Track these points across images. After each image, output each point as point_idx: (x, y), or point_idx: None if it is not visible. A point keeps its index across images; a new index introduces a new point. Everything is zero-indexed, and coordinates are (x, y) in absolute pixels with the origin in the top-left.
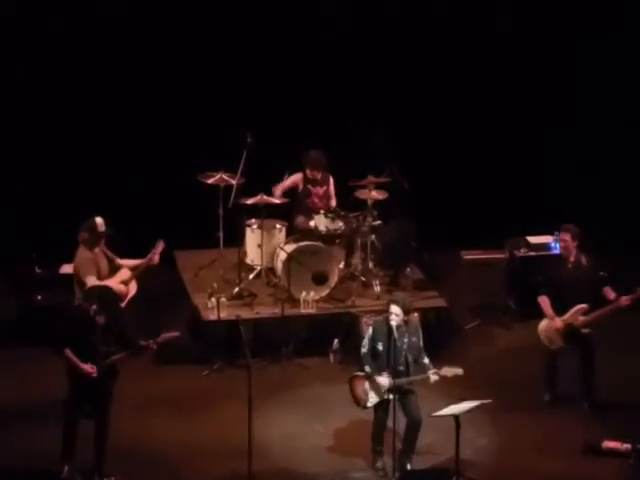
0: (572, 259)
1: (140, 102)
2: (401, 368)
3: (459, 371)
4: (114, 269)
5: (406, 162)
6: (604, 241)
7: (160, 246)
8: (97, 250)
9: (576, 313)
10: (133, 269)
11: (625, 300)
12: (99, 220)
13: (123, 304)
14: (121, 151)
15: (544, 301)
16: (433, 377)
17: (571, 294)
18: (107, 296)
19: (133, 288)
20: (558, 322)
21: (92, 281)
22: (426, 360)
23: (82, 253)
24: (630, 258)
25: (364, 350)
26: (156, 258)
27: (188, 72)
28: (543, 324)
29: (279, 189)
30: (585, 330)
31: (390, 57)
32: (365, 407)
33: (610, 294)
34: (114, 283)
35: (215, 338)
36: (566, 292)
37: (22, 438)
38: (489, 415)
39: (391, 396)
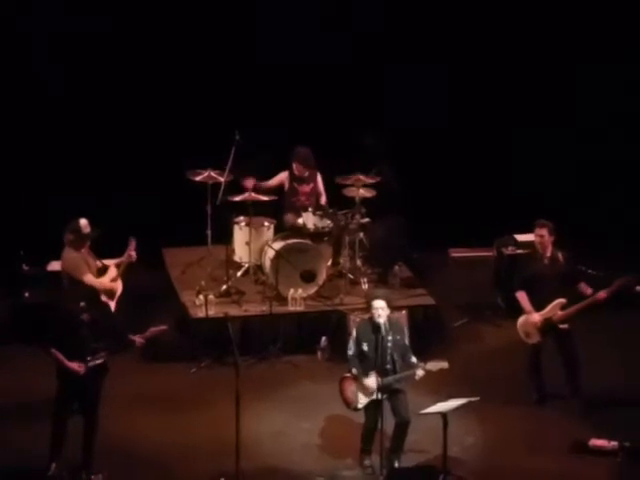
0: (548, 254)
1: (128, 100)
2: (388, 367)
3: (444, 365)
4: (100, 269)
5: (396, 161)
6: (591, 237)
7: (132, 243)
8: (83, 250)
9: (555, 307)
10: (118, 266)
11: (602, 294)
12: (83, 221)
13: (113, 302)
14: (109, 148)
15: (522, 296)
16: (419, 373)
17: (548, 289)
18: (94, 293)
19: (119, 286)
20: (536, 316)
21: (90, 279)
22: (413, 359)
23: (70, 254)
24: (615, 254)
25: (350, 352)
26: (133, 255)
27: (176, 70)
28: (522, 319)
29: (263, 184)
30: (563, 325)
31: (382, 55)
32: (356, 409)
33: (586, 289)
34: (107, 281)
35: (203, 336)
36: (543, 287)
37: (10, 435)
38: (477, 413)
39: (381, 396)
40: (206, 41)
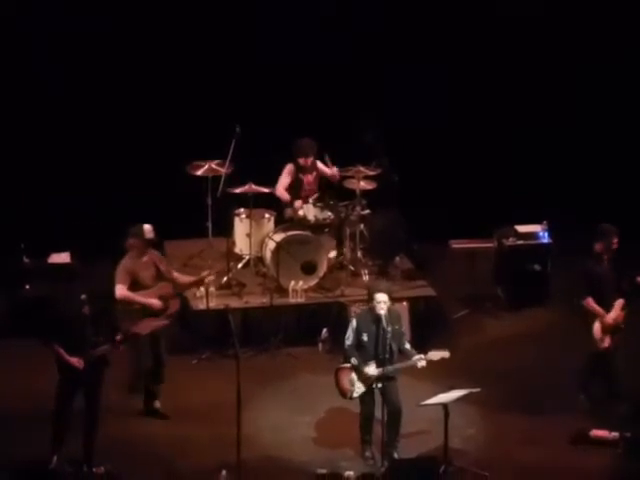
0: (607, 256)
1: (129, 93)
2: (386, 356)
3: (445, 354)
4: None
5: (396, 152)
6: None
7: (211, 272)
8: (146, 259)
9: (618, 308)
10: (183, 286)
11: None
12: (147, 227)
13: (161, 322)
14: (110, 140)
15: (591, 302)
16: (420, 363)
17: (609, 291)
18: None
19: (174, 305)
20: (610, 319)
21: (119, 290)
22: (408, 346)
23: (124, 260)
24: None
25: (348, 342)
26: (211, 278)
27: (177, 68)
28: (597, 325)
29: (282, 188)
30: (622, 325)
31: (382, 55)
32: (351, 398)
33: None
34: (144, 297)
35: (204, 328)
36: (605, 289)
37: (11, 428)
38: (477, 404)
39: (378, 385)
40: (206, 40)
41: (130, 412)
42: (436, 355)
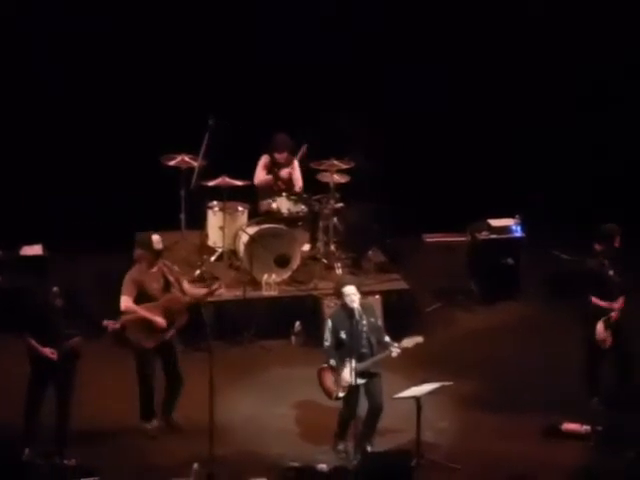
0: (608, 255)
1: (102, 85)
2: (365, 351)
3: (419, 339)
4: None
5: (370, 146)
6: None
7: (221, 284)
8: (154, 270)
9: (620, 306)
10: (192, 299)
11: None
12: (156, 237)
13: (164, 335)
14: (83, 132)
15: (598, 302)
16: (395, 351)
17: (613, 289)
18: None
19: (181, 319)
20: (615, 314)
21: (124, 302)
22: (387, 339)
23: (132, 270)
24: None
25: (327, 344)
26: (222, 291)
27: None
28: (601, 325)
29: (261, 178)
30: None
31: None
32: (337, 398)
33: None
34: (149, 310)
35: None
36: (609, 288)
37: None
38: (450, 397)
39: (360, 381)
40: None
41: (103, 404)
42: (410, 342)
